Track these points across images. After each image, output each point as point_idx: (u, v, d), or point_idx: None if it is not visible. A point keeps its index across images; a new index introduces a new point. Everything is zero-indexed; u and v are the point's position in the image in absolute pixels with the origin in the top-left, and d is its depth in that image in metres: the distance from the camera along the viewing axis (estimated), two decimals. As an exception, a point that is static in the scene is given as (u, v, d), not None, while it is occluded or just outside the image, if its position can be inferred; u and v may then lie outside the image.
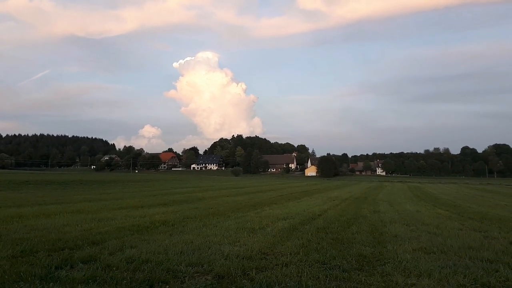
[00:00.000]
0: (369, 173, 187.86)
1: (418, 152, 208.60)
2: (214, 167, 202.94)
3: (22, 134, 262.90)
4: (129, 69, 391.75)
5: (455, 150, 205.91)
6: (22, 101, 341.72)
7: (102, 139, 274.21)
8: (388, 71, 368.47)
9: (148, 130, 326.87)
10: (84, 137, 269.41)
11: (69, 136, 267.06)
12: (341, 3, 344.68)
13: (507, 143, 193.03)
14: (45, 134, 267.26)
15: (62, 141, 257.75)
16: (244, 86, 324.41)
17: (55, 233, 9.86)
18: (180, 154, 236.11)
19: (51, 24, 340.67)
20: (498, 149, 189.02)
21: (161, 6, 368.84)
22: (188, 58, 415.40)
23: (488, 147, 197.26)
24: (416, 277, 6.50)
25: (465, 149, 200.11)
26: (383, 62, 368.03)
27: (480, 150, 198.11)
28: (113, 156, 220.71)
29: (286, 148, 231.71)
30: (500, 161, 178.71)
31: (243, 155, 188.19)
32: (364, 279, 6.33)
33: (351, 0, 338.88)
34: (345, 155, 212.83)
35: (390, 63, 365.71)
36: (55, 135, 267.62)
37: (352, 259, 7.60)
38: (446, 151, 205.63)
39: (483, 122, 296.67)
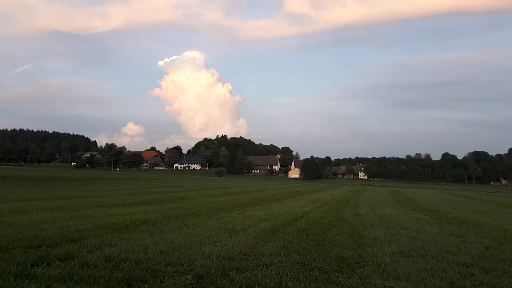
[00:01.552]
0: (351, 176, 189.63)
1: (400, 157, 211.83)
2: (197, 167, 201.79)
3: (1, 129, 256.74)
4: (114, 66, 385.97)
5: (436, 156, 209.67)
6: (2, 95, 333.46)
7: (83, 136, 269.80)
8: (373, 77, 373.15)
9: (131, 128, 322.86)
10: (65, 133, 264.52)
11: (50, 132, 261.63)
12: (329, 8, 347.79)
13: (485, 151, 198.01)
14: (25, 129, 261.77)
15: (42, 136, 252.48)
16: (230, 87, 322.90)
17: (32, 230, 9.66)
18: (163, 153, 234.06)
19: (35, 18, 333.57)
20: (477, 156, 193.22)
21: (148, 4, 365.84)
22: (174, 57, 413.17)
23: (468, 154, 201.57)
24: (394, 280, 6.60)
25: (445, 156, 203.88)
26: (369, 67, 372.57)
27: (460, 157, 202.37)
28: (94, 153, 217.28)
29: (271, 150, 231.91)
30: (479, 168, 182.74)
31: (227, 155, 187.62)
32: (344, 281, 6.40)
33: (338, 5, 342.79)
34: (328, 158, 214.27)
35: (375, 69, 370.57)
36: (35, 130, 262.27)
37: (332, 261, 7.66)
38: (427, 157, 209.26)
39: (464, 130, 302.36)
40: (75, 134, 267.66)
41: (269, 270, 6.78)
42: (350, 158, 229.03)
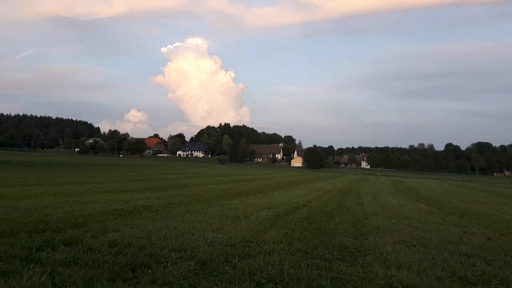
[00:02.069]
0: (354, 166, 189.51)
1: (403, 147, 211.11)
2: (200, 154, 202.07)
3: (4, 114, 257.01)
4: (117, 53, 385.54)
5: (439, 147, 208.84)
6: (5, 80, 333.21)
7: (86, 122, 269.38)
8: (377, 66, 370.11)
9: (134, 115, 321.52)
10: (68, 119, 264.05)
11: (53, 118, 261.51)
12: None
13: (489, 142, 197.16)
14: (28, 114, 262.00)
15: (45, 122, 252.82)
16: (233, 75, 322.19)
17: (36, 215, 9.75)
18: (166, 140, 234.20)
19: (37, 3, 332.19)
20: (481, 147, 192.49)
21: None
22: (177, 44, 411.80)
23: (471, 144, 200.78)
24: (395, 269, 6.64)
25: (449, 146, 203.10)
26: (373, 57, 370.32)
27: (463, 147, 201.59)
28: (98, 139, 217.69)
29: (273, 138, 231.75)
30: (482, 159, 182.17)
31: (230, 143, 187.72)
32: (345, 269, 6.44)
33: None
34: (331, 147, 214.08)
35: (379, 58, 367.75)
36: (38, 116, 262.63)
37: (334, 250, 7.71)
38: (431, 147, 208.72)
39: (468, 120, 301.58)
40: (78, 120, 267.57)
41: (271, 257, 6.83)
42: (353, 147, 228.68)
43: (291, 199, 17.92)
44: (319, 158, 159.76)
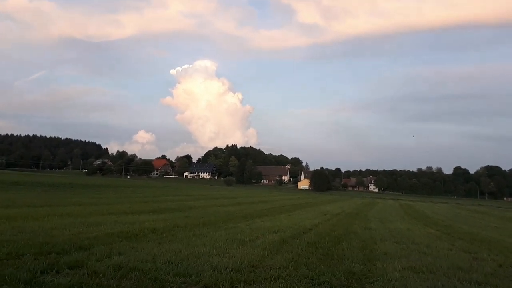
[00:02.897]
0: (361, 189, 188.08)
1: (411, 170, 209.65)
2: (207, 176, 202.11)
3: (15, 134, 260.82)
4: (126, 74, 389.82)
5: (448, 170, 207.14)
6: (16, 100, 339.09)
7: (95, 143, 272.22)
8: (384, 88, 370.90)
9: (142, 136, 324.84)
10: (77, 140, 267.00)
11: (62, 138, 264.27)
12: (340, 19, 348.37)
13: (499, 165, 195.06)
14: (38, 135, 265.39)
15: (54, 143, 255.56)
16: (240, 96, 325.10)
17: (42, 236, 9.74)
18: (173, 161, 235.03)
19: (49, 25, 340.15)
20: (490, 171, 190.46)
21: (161, 13, 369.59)
22: (185, 66, 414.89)
23: (480, 168, 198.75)
24: (404, 297, 6.49)
25: (457, 169, 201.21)
26: (380, 79, 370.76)
27: (472, 171, 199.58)
28: (106, 160, 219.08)
29: (280, 160, 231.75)
30: (491, 183, 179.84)
31: (236, 165, 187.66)
32: (353, 296, 6.30)
33: (350, 16, 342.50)
34: (338, 169, 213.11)
35: (386, 81, 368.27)
36: (47, 136, 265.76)
37: (341, 276, 7.58)
38: (439, 170, 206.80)
39: (476, 144, 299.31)
40: (87, 141, 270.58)
41: (277, 283, 6.73)
42: (360, 170, 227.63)
43: (297, 223, 17.76)
44: (326, 180, 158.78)
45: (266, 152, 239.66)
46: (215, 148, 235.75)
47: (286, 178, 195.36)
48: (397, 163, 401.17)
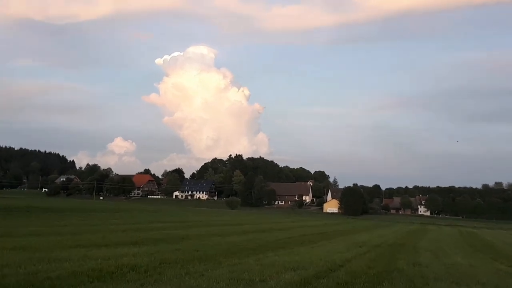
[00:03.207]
0: (408, 212, 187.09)
1: (474, 187, 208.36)
2: (203, 196, 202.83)
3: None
4: (98, 65, 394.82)
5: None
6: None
7: (58, 154, 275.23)
8: (435, 80, 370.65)
9: (119, 145, 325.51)
10: (34, 150, 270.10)
11: (15, 149, 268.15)
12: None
13: None
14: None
15: (5, 154, 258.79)
16: (247, 92, 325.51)
17: (-11, 278, 9.82)
18: (160, 177, 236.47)
19: (1, 4, 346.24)
20: None
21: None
22: (175, 54, 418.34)
23: None
24: None
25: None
26: (429, 68, 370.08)
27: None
28: (72, 176, 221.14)
29: (300, 175, 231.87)
30: None
31: (242, 181, 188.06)
32: None
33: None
34: (377, 187, 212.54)
35: (438, 70, 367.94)
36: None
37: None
38: (511, 187, 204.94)
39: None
40: (47, 151, 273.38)
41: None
42: (406, 187, 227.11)
43: (323, 257, 17.74)
44: (361, 201, 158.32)
45: (281, 165, 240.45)
46: (214, 160, 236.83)
47: (307, 199, 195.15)
48: (455, 177, 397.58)
